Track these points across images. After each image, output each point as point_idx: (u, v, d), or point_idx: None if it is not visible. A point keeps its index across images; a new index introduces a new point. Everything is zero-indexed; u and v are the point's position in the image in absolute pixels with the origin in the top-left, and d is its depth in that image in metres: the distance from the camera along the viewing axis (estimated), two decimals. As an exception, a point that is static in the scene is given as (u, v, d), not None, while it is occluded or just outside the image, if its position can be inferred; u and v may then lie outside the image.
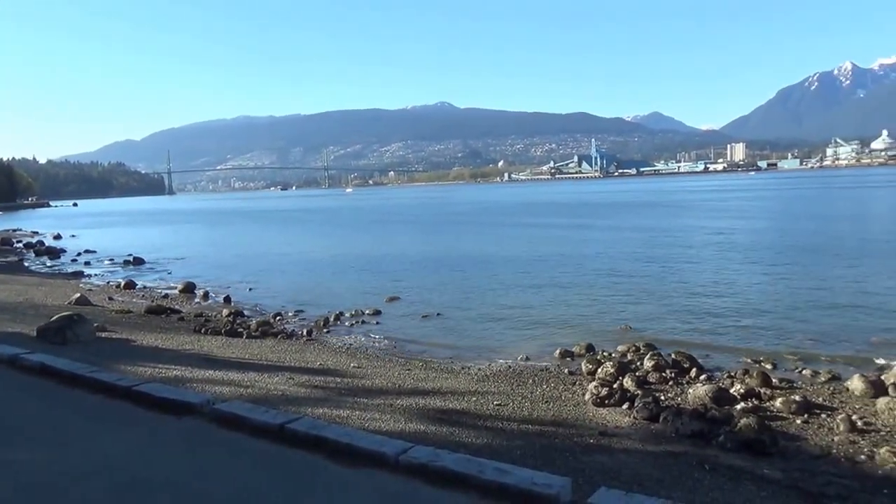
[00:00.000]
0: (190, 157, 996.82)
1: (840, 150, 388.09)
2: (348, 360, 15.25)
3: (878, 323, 17.96)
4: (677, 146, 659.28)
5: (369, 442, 6.40)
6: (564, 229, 56.11)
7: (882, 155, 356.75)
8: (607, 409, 11.17)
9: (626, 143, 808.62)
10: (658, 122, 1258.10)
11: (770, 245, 37.69)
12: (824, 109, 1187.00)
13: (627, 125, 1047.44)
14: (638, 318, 19.95)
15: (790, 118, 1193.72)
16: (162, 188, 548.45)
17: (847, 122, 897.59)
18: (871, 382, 11.90)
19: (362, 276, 31.27)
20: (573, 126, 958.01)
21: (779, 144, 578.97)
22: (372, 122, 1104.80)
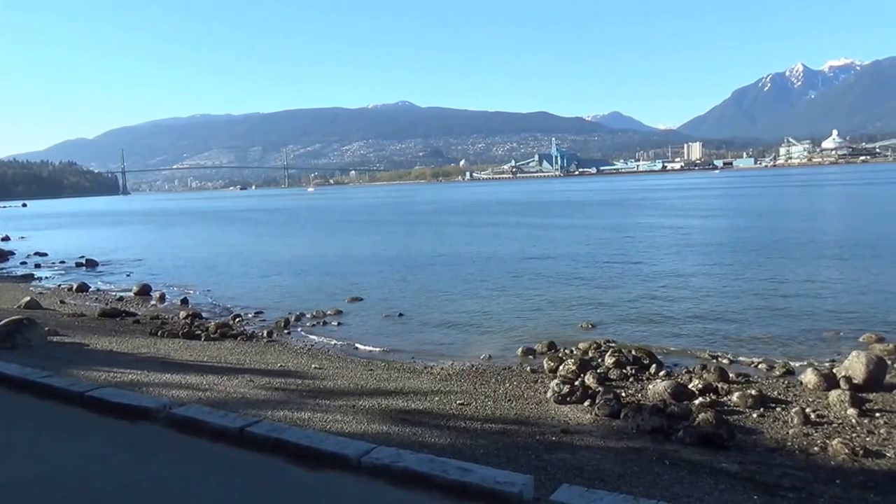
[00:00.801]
0: (145, 156, 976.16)
1: (793, 150, 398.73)
2: (310, 361, 15.11)
3: (830, 318, 18.51)
4: (636, 145, 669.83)
5: (331, 444, 6.34)
6: (526, 228, 56.50)
7: (832, 154, 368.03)
8: (569, 407, 11.28)
9: (586, 143, 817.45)
10: (617, 122, 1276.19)
11: (726, 243, 38.54)
12: (777, 110, 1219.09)
13: (587, 125, 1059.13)
14: (599, 315, 20.20)
15: (745, 118, 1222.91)
16: (116, 188, 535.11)
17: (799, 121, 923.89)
18: (823, 376, 12.25)
19: (324, 277, 31.01)
20: (534, 125, 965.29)
21: (734, 144, 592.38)
22: (332, 120, 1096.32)
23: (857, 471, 8.42)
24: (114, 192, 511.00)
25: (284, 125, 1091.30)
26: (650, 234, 45.79)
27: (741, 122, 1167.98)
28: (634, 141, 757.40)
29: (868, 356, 12.46)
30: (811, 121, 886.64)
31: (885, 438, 9.61)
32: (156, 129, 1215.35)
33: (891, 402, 11.37)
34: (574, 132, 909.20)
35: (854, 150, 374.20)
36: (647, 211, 73.46)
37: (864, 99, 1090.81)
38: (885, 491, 7.69)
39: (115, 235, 70.46)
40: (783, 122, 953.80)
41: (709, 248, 36.03)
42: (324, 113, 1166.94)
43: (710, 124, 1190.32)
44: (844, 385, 11.87)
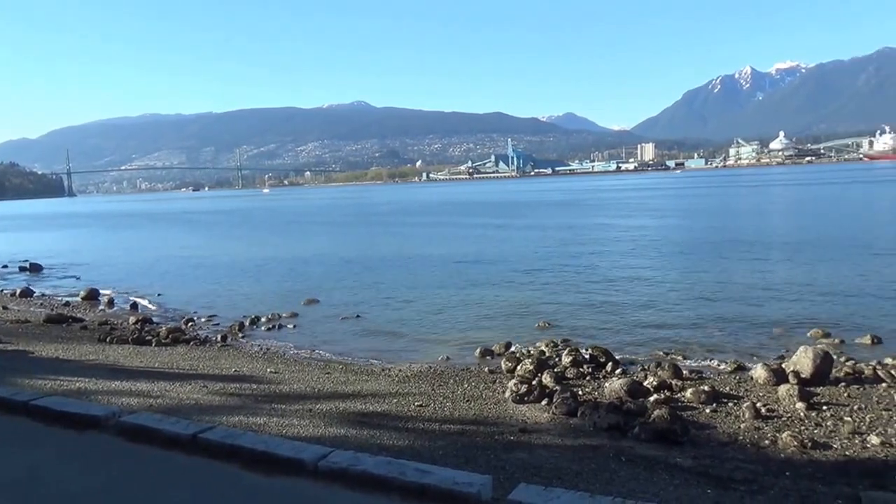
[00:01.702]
0: (92, 156, 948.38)
1: (742, 150, 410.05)
2: (265, 365, 14.91)
3: (779, 314, 19.07)
4: (591, 146, 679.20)
5: (287, 449, 6.26)
6: (483, 229, 56.78)
7: (779, 155, 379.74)
8: (527, 406, 11.37)
9: (541, 143, 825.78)
10: (572, 123, 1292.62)
11: (680, 242, 39.39)
12: (727, 111, 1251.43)
13: (543, 125, 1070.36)
14: (556, 314, 20.42)
15: (696, 119, 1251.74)
16: (61, 190, 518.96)
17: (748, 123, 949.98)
18: (773, 371, 12.61)
19: (279, 279, 30.64)
20: (490, 126, 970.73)
21: (685, 144, 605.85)
22: (287, 120, 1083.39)
23: (805, 462, 8.69)
24: (59, 194, 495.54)
25: (238, 125, 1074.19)
26: (605, 234, 46.49)
27: (692, 123, 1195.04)
28: (589, 142, 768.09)
29: (815, 351, 12.87)
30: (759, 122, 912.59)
31: (832, 430, 9.94)
32: (103, 128, 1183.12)
33: (836, 395, 11.77)
34: (530, 133, 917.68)
35: (800, 151, 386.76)
36: (602, 211, 74.58)
37: (809, 101, 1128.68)
38: (831, 481, 7.95)
39: (61, 239, 68.35)
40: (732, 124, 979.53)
41: (662, 248, 36.76)
42: (278, 113, 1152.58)
43: (662, 125, 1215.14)
44: (793, 379, 12.24)
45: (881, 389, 11.98)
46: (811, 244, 34.55)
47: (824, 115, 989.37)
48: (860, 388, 12.09)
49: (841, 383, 12.38)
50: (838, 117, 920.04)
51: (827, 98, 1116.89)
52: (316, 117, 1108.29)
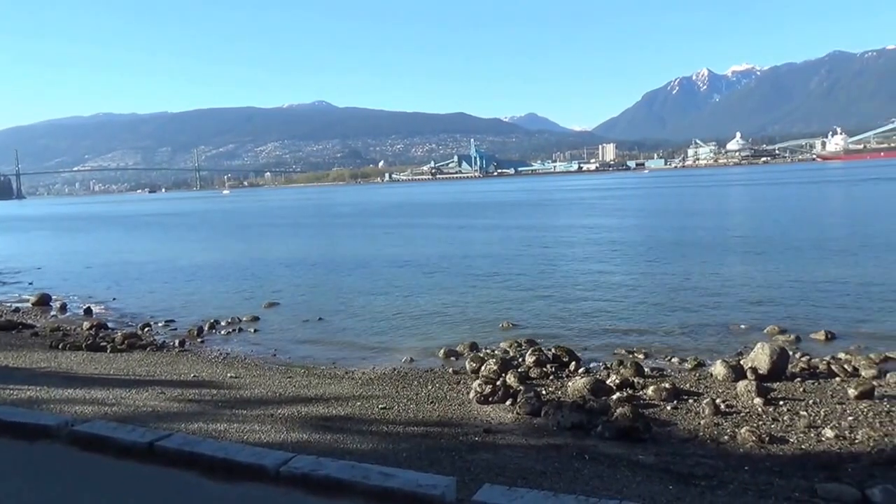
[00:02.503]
0: (42, 157, 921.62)
1: (700, 151, 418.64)
2: (225, 370, 14.68)
3: (737, 311, 19.51)
4: (552, 146, 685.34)
5: (247, 455, 6.17)
6: (446, 229, 56.85)
7: (736, 155, 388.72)
8: (491, 407, 11.41)
9: (504, 144, 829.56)
10: (534, 123, 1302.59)
11: (640, 241, 40.02)
12: (685, 112, 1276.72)
13: (505, 126, 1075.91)
14: (519, 314, 20.56)
15: (655, 120, 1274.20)
16: (10, 192, 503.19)
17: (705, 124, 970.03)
18: (731, 368, 12.89)
19: (239, 282, 30.21)
20: (452, 126, 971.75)
21: (645, 145, 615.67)
22: (246, 120, 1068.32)
23: (763, 457, 8.91)
24: (7, 196, 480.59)
25: (195, 125, 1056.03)
26: (568, 234, 46.97)
27: (652, 123, 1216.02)
28: (551, 142, 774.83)
29: (772, 347, 13.21)
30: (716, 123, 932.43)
31: (789, 425, 10.21)
32: (54, 128, 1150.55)
33: (793, 390, 12.09)
34: (492, 133, 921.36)
35: (756, 152, 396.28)
36: (564, 211, 75.32)
37: (763, 103, 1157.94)
38: (788, 475, 8.16)
39: (11, 242, 66.30)
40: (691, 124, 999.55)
41: (624, 248, 37.28)
42: (237, 112, 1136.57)
43: (622, 126, 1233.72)
44: (751, 376, 12.54)
45: (835, 384, 12.35)
46: (767, 243, 35.43)
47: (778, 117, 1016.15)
48: (815, 383, 12.45)
49: (797, 378, 12.73)
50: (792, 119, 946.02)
51: (781, 100, 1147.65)
52: (276, 117, 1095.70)
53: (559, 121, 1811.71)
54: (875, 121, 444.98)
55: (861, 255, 29.30)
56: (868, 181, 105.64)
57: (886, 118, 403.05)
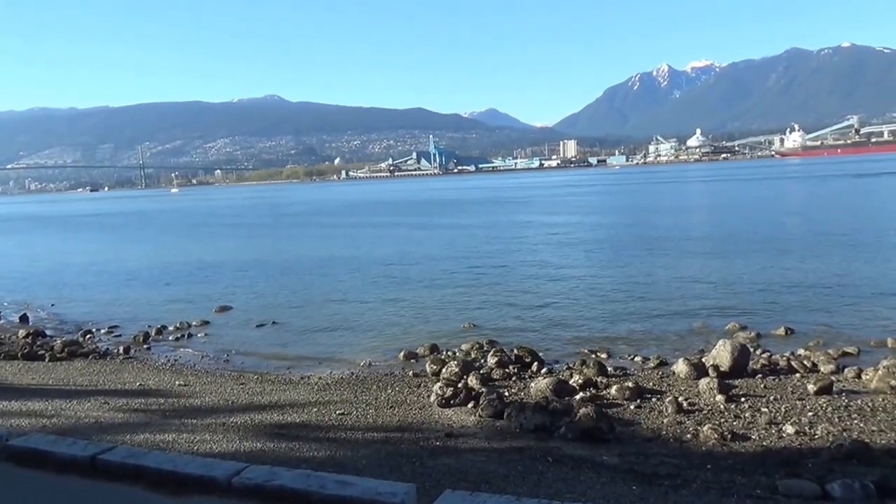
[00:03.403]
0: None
1: (661, 148, 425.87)
2: (173, 377, 14.41)
3: (699, 309, 19.92)
4: (513, 143, 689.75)
5: (197, 466, 6.04)
6: (405, 228, 56.76)
7: (697, 152, 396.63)
8: (453, 410, 11.43)
9: (464, 140, 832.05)
10: (495, 119, 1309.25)
11: (602, 239, 40.58)
12: (646, 108, 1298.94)
13: (465, 122, 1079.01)
14: (481, 315, 20.62)
15: (616, 116, 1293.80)
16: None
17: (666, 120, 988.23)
18: (693, 366, 13.16)
19: (188, 285, 29.66)
20: (411, 122, 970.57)
21: (607, 141, 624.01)
22: (194, 115, 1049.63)
23: (725, 454, 9.10)
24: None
25: (139, 120, 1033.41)
26: (529, 232, 47.32)
27: (613, 119, 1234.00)
28: (512, 138, 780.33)
29: (733, 344, 13.53)
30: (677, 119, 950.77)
31: (750, 422, 10.46)
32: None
33: (754, 386, 12.39)
34: (452, 129, 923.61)
35: (716, 148, 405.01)
36: (526, 209, 75.85)
37: (723, 99, 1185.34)
38: (750, 472, 8.35)
39: (-61, 246, 63.87)
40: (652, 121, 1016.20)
41: (586, 246, 37.73)
42: (184, 107, 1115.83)
43: (584, 122, 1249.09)
44: (713, 373, 12.81)
45: (795, 380, 12.70)
46: (727, 240, 36.28)
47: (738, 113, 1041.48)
48: (776, 380, 12.78)
49: (758, 375, 13.06)
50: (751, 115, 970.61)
51: (740, 96, 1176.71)
52: (225, 112, 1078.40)
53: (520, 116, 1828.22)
54: (832, 118, 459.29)
55: (819, 251, 30.22)
56: (825, 178, 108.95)
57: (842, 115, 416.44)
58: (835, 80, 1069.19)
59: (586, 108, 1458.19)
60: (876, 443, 9.30)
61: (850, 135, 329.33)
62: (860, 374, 12.59)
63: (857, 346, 14.94)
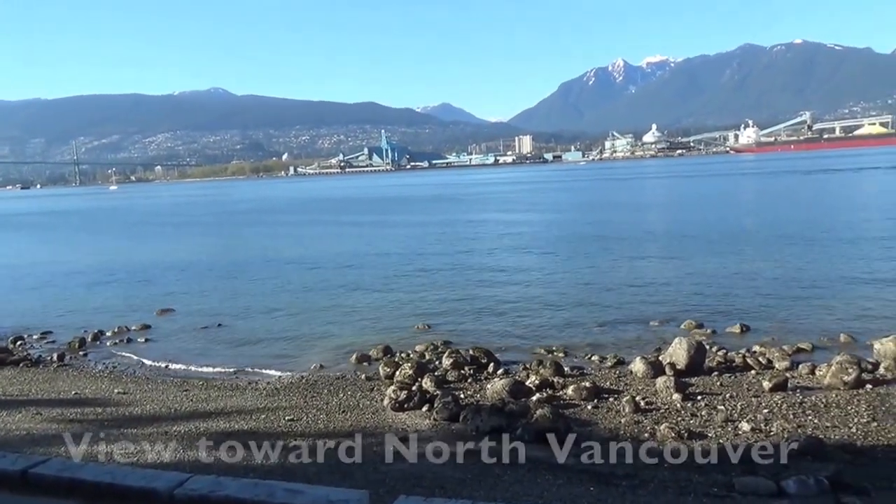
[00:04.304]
0: None
1: (617, 143, 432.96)
2: (111, 385, 14.07)
3: (655, 307, 20.30)
4: (468, 138, 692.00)
5: (137, 478, 5.89)
6: (356, 227, 56.44)
7: (652, 147, 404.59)
8: (407, 414, 11.42)
9: (417, 135, 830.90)
10: (448, 114, 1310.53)
11: (558, 237, 41.04)
12: (601, 103, 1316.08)
13: (418, 116, 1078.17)
14: (435, 315, 20.64)
15: (572, 111, 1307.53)
16: None
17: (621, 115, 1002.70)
18: (650, 364, 13.41)
19: (127, 288, 28.95)
20: (362, 117, 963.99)
21: (562, 137, 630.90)
22: (132, 108, 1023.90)
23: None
24: None
25: (73, 113, 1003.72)
26: (484, 230, 47.56)
27: (568, 115, 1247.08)
28: (466, 133, 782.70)
29: (689, 342, 13.83)
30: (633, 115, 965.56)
31: (706, 420, 10.71)
32: None
33: (710, 384, 12.69)
34: (404, 124, 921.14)
35: (671, 144, 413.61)
36: (481, 206, 76.21)
37: (678, 95, 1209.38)
38: (707, 470, 8.54)
39: None
40: (607, 116, 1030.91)
41: (542, 244, 38.10)
42: (121, 100, 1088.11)
43: (539, 117, 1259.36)
44: (669, 371, 13.08)
45: (750, 377, 13.06)
46: (683, 238, 37.11)
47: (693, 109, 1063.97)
48: (731, 377, 13.12)
49: (714, 372, 13.39)
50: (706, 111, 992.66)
51: (694, 92, 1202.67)
52: (166, 105, 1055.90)
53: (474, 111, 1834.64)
54: (785, 114, 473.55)
55: (773, 248, 31.11)
56: (779, 174, 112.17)
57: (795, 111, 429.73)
58: (788, 76, 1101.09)
59: (541, 103, 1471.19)
60: (830, 438, 9.62)
61: (803, 131, 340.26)
62: (814, 371, 13.00)
63: (810, 343, 15.45)
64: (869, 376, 12.54)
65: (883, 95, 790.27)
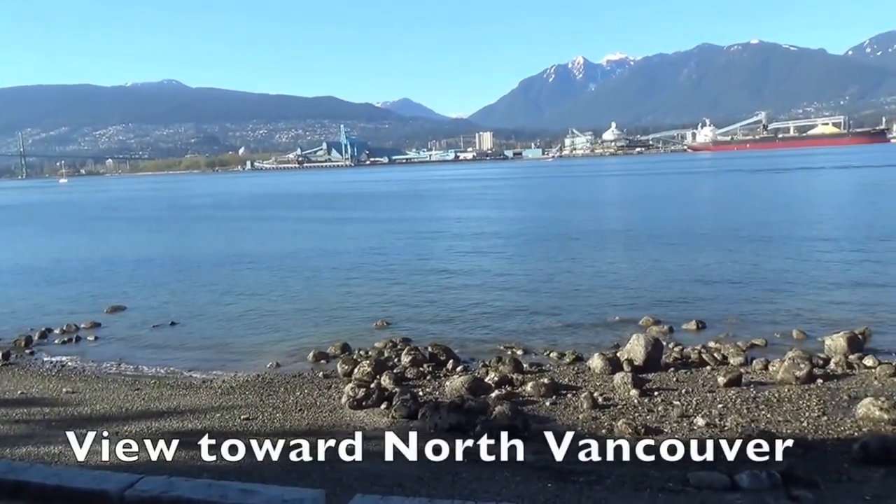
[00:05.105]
0: None
1: (577, 141, 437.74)
2: (60, 385, 13.75)
3: (614, 303, 20.60)
4: (428, 134, 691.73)
5: (86, 480, 5.76)
6: (315, 223, 56.01)
7: (612, 145, 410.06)
8: (365, 412, 11.39)
9: (376, 130, 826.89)
10: (408, 109, 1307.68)
11: (517, 233, 41.31)
12: (562, 101, 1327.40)
13: (377, 111, 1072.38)
14: (394, 312, 20.62)
15: (532, 108, 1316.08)
16: None
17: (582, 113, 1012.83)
18: (608, 360, 13.60)
19: (77, 284, 28.27)
20: (320, 111, 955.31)
21: (523, 133, 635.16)
22: (82, 100, 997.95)
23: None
24: None
25: (19, 104, 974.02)
26: (444, 226, 47.63)
27: (529, 111, 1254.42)
28: (426, 129, 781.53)
29: (646, 338, 14.07)
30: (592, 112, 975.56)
31: (663, 415, 10.91)
32: None
33: (667, 380, 12.93)
34: (364, 119, 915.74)
35: (631, 142, 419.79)
36: (441, 202, 76.30)
37: (637, 93, 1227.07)
38: (665, 466, 8.70)
39: None
40: (567, 113, 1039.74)
41: (501, 241, 38.33)
42: (71, 91, 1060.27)
43: (499, 113, 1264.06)
44: (627, 367, 13.29)
45: (706, 372, 13.34)
46: (641, 235, 37.71)
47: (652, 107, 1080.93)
48: (687, 373, 13.39)
49: (670, 368, 13.65)
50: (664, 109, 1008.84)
51: (653, 90, 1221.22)
52: (118, 97, 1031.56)
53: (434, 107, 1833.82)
54: (741, 113, 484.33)
55: (728, 245, 31.80)
56: (734, 173, 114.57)
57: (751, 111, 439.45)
58: (744, 76, 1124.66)
59: (502, 100, 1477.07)
60: (782, 433, 9.87)
61: (759, 130, 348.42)
62: (767, 366, 13.35)
63: (764, 339, 15.83)
64: (820, 371, 12.94)
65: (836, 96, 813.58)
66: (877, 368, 13.00)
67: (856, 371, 13.11)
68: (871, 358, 13.63)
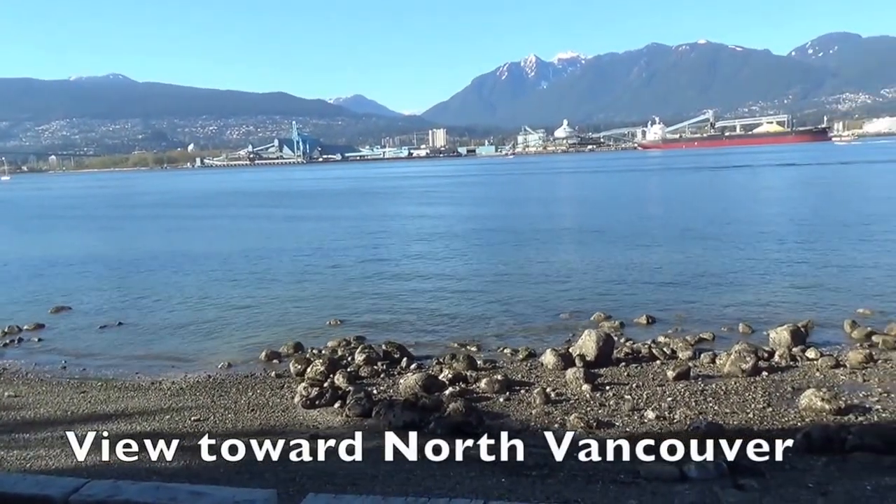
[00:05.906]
0: None
1: (529, 138, 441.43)
2: (1, 388, 13.33)
3: (566, 299, 20.86)
4: (381, 131, 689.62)
5: (28, 485, 5.60)
6: (266, 221, 55.36)
7: (564, 143, 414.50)
8: (318, 411, 11.33)
9: (329, 127, 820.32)
10: (361, 106, 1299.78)
11: (471, 231, 41.47)
12: (514, 98, 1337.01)
13: (330, 108, 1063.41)
14: (347, 310, 20.52)
15: (485, 105, 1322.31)
16: None
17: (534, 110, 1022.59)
18: (560, 356, 13.78)
19: (19, 285, 27.42)
20: (272, 107, 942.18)
21: (476, 131, 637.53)
22: (23, 94, 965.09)
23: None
24: None
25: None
26: (396, 224, 47.56)
27: (482, 109, 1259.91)
28: (379, 126, 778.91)
29: (598, 334, 14.28)
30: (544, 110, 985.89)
31: (614, 409, 11.10)
32: None
33: (618, 375, 13.16)
34: (316, 116, 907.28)
35: (582, 140, 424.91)
36: (394, 200, 76.13)
37: (588, 91, 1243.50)
38: (615, 459, 8.85)
39: None
40: (520, 111, 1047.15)
41: (454, 238, 38.45)
42: (10, 84, 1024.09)
43: (453, 111, 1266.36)
44: (579, 363, 13.48)
45: (655, 366, 13.62)
46: (592, 232, 38.25)
47: (603, 105, 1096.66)
48: (638, 367, 13.64)
49: (621, 363, 13.89)
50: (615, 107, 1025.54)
51: (604, 89, 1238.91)
52: (61, 91, 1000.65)
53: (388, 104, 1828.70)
54: (689, 111, 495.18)
55: (677, 242, 32.49)
56: (683, 170, 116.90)
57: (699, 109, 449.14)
58: (692, 75, 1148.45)
59: (455, 97, 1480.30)
60: (729, 424, 10.15)
61: (706, 128, 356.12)
62: (714, 360, 13.69)
63: (711, 333, 16.22)
64: (765, 364, 13.31)
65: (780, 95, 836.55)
66: (819, 360, 13.44)
67: (799, 363, 13.53)
68: (813, 350, 14.09)
